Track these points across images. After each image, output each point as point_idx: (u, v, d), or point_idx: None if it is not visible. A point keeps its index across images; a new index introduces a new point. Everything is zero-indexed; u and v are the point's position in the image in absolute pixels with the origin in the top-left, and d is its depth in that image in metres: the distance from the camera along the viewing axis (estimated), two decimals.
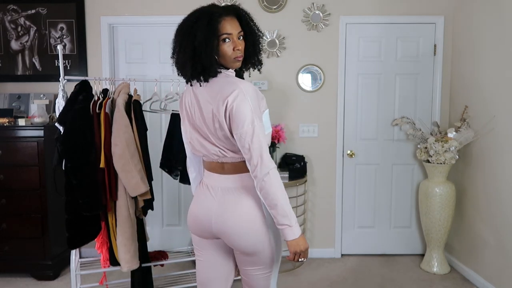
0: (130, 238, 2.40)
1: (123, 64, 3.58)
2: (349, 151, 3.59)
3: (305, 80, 3.53)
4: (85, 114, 2.35)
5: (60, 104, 2.47)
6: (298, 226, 1.52)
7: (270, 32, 3.44)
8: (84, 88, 2.46)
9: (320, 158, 3.59)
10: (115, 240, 2.43)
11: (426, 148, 3.26)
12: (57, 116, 2.43)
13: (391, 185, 3.64)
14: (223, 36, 1.51)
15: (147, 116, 3.02)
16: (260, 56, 1.66)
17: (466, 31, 3.27)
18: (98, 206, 2.34)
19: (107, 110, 2.39)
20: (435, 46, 3.49)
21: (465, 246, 3.27)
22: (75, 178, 2.29)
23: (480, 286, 3.02)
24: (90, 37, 3.50)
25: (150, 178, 2.48)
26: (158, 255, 2.82)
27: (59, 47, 2.52)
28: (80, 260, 2.71)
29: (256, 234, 1.57)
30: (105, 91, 2.54)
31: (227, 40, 1.52)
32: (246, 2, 3.42)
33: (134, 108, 2.44)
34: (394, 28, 3.49)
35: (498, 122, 2.85)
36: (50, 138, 3.04)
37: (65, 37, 3.51)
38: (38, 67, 3.54)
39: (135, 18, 3.48)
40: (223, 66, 1.58)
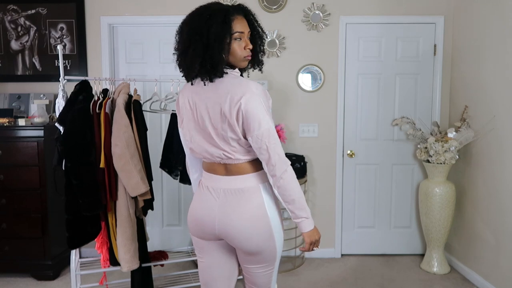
0: (130, 238, 2.40)
1: (123, 64, 3.58)
2: (349, 151, 3.59)
3: (305, 80, 3.53)
4: (85, 114, 2.35)
5: (60, 104, 2.47)
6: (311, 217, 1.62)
7: (270, 32, 3.44)
8: (84, 88, 2.46)
9: (320, 158, 3.59)
10: (115, 240, 2.43)
11: (426, 148, 3.26)
12: (57, 116, 2.43)
13: (391, 185, 3.64)
14: (236, 34, 1.51)
15: (147, 116, 3.02)
16: (262, 56, 1.66)
17: (466, 31, 3.27)
18: (98, 206, 2.34)
19: (107, 110, 2.39)
20: (435, 46, 3.49)
21: (465, 246, 3.27)
22: (75, 178, 2.29)
23: (480, 286, 3.02)
24: (90, 37, 3.50)
25: (150, 178, 2.48)
26: (158, 255, 2.82)
27: (59, 47, 2.52)
28: (80, 260, 2.71)
29: (260, 234, 1.57)
30: (105, 91, 2.54)
31: (240, 38, 1.52)
32: (246, 2, 3.40)
33: (134, 108, 2.43)
34: (394, 28, 3.49)
35: (498, 122, 2.85)
36: (50, 138, 3.04)
37: (65, 37, 3.51)
38: (38, 67, 3.54)
39: (135, 18, 3.48)
40: (229, 66, 1.57)
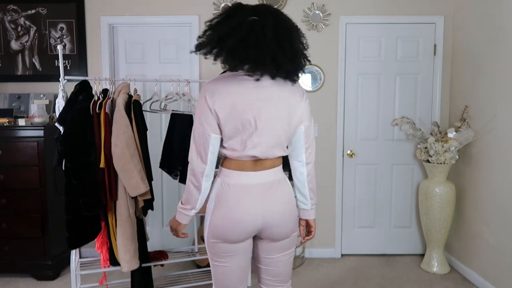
0: (130, 238, 2.40)
1: (123, 64, 3.58)
2: (349, 151, 3.59)
3: (305, 80, 3.52)
4: (85, 114, 2.35)
5: (60, 104, 2.47)
6: None
7: None
8: (84, 88, 2.46)
9: (320, 158, 3.58)
10: (115, 240, 2.43)
11: (426, 148, 3.26)
12: (57, 116, 2.43)
13: (391, 185, 3.64)
14: None
15: (147, 116, 3.02)
16: None
17: (466, 31, 3.27)
18: (98, 206, 2.34)
19: (107, 110, 2.39)
20: (435, 46, 3.49)
21: (465, 246, 3.27)
22: (75, 178, 2.29)
23: (480, 286, 3.02)
24: (90, 37, 3.50)
25: (150, 178, 2.48)
26: (158, 255, 2.82)
27: (59, 47, 2.52)
28: (80, 260, 2.70)
29: (293, 217, 1.71)
30: (105, 91, 2.54)
31: None
32: (246, 2, 3.41)
33: (134, 108, 2.43)
34: (394, 28, 3.49)
35: (498, 122, 2.85)
36: (50, 138, 3.04)
37: (65, 37, 3.51)
38: (38, 67, 3.54)
39: (135, 18, 3.48)
40: None
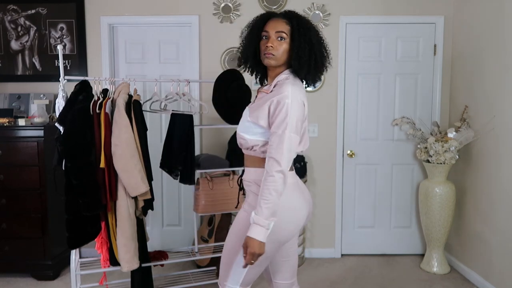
0: (130, 238, 2.40)
1: (123, 64, 3.57)
2: (349, 151, 3.59)
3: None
4: (85, 114, 2.35)
5: (60, 104, 2.47)
6: None
7: None
8: (84, 88, 2.46)
9: (320, 158, 3.59)
10: (115, 240, 2.42)
11: (426, 148, 3.26)
12: (57, 116, 2.43)
13: (391, 185, 3.64)
14: (263, 33, 1.67)
15: (147, 116, 3.02)
16: (314, 65, 1.75)
17: (466, 31, 3.27)
18: (98, 206, 2.34)
19: (107, 110, 2.39)
20: (435, 46, 3.49)
21: (465, 246, 3.27)
22: (75, 178, 2.29)
23: (480, 286, 3.02)
24: (90, 37, 3.50)
25: (150, 178, 2.48)
26: (158, 255, 2.81)
27: (59, 47, 2.52)
28: (80, 260, 2.70)
29: None
30: (105, 91, 2.54)
31: (264, 37, 1.67)
32: (246, 2, 3.42)
33: (134, 108, 2.43)
34: (394, 28, 3.49)
35: (498, 122, 2.85)
36: (50, 138, 3.04)
37: (65, 37, 3.51)
38: (38, 67, 3.54)
39: (135, 18, 3.48)
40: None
